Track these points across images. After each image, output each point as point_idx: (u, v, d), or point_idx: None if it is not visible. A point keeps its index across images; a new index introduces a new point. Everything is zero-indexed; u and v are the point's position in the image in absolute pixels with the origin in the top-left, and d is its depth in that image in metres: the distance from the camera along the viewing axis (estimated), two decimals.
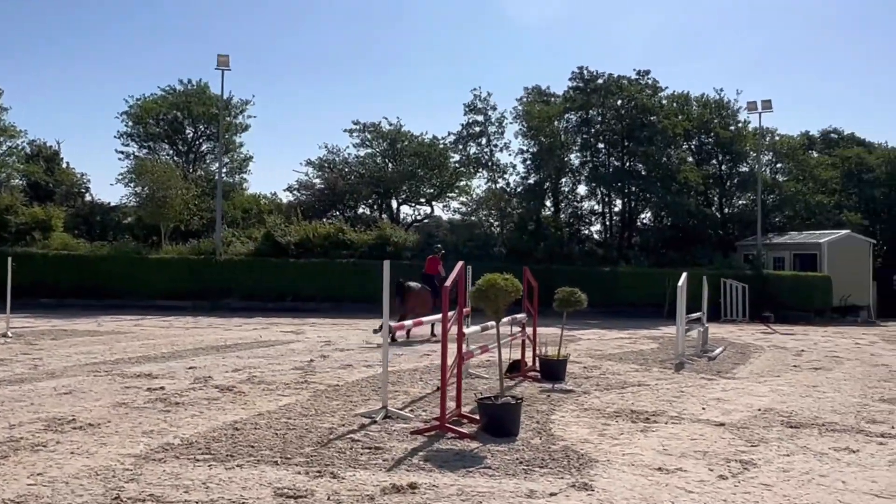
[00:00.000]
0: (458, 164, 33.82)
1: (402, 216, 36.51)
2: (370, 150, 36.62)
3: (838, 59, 75.98)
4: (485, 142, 31.61)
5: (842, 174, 35.32)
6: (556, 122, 30.60)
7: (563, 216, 31.84)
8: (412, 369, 10.85)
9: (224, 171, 32.10)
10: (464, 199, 35.41)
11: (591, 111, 30.69)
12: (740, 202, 33.84)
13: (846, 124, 63.99)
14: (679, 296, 12.37)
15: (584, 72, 31.01)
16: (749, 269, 26.46)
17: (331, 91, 70.97)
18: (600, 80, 30.71)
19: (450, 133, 32.70)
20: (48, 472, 5.24)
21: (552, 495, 5.03)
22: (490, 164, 31.87)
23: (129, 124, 35.52)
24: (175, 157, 35.81)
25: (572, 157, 31.62)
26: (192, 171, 35.02)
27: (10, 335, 14.33)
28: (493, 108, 31.41)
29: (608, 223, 32.59)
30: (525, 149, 31.05)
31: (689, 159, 32.76)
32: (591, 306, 10.79)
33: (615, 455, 6.12)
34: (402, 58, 76.01)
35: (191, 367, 10.56)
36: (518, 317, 10.27)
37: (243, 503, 4.70)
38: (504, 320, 9.27)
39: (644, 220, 33.26)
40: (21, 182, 34.36)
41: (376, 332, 14.95)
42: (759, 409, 8.21)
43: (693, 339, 13.78)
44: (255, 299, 24.37)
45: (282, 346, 13.66)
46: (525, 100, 31.49)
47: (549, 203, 31.53)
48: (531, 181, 30.68)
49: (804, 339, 17.53)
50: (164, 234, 28.27)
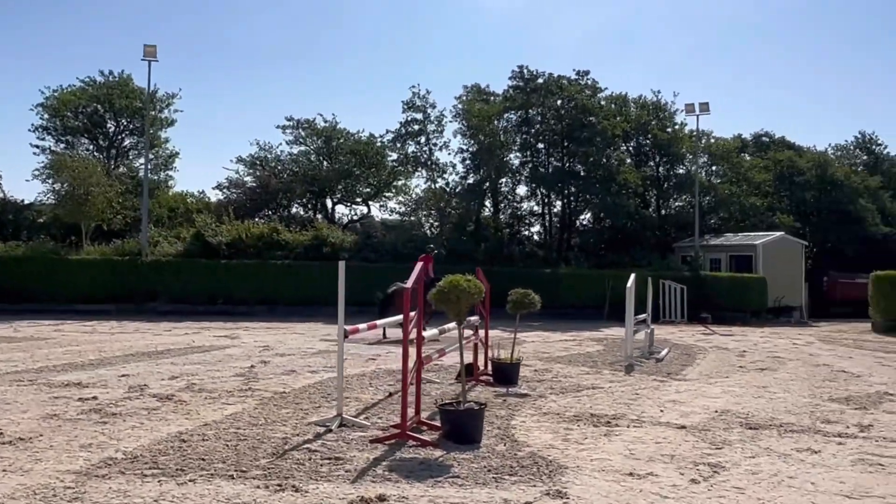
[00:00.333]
0: (396, 163, 33.23)
1: (337, 216, 35.91)
2: (304, 148, 35.80)
3: (768, 64, 79.01)
4: (424, 140, 31.14)
5: (774, 177, 36.19)
6: (495, 122, 30.27)
7: (503, 217, 31.59)
8: (359, 374, 10.50)
9: (149, 167, 30.87)
10: (401, 198, 34.97)
11: (531, 111, 30.48)
12: (677, 204, 34.20)
13: (777, 128, 66.55)
14: (628, 297, 12.38)
15: (525, 71, 30.82)
16: (687, 270, 26.82)
17: (262, 86, 69.55)
18: (540, 80, 30.53)
19: (388, 131, 32.15)
20: None
21: None
22: (429, 163, 31.46)
23: (45, 117, 33.67)
24: (95, 153, 34.28)
25: (512, 157, 31.38)
26: (114, 167, 33.59)
27: None
28: (433, 106, 31.01)
29: (548, 224, 32.47)
30: (465, 148, 30.68)
31: (628, 161, 32.88)
32: None
33: (584, 461, 5.99)
34: (339, 52, 75.16)
35: (123, 375, 9.93)
36: (471, 319, 10.03)
37: None
38: (450, 324, 9.03)
39: (584, 222, 33.28)
40: None
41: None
42: (716, 411, 8.21)
43: (639, 340, 13.83)
44: (184, 302, 23.46)
45: (218, 352, 13.06)
46: (465, 98, 31.08)
47: (488, 203, 31.27)
48: (471, 181, 30.31)
49: (743, 339, 17.86)
50: (86, 233, 26.93)
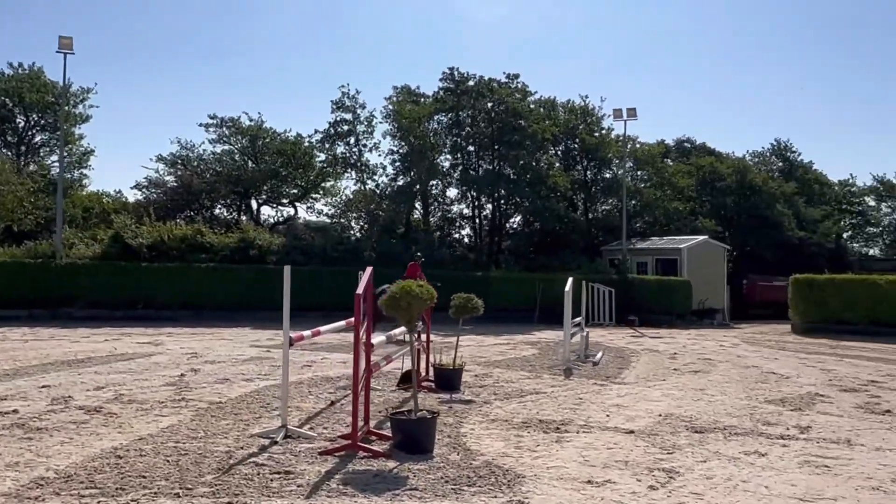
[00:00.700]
0: (324, 164, 32.73)
1: (263, 217, 35.08)
2: (228, 147, 34.91)
3: (688, 71, 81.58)
4: (353, 141, 30.69)
5: (697, 182, 37.40)
6: (426, 123, 30.10)
7: (433, 220, 31.44)
8: (297, 382, 10.13)
9: (63, 165, 29.38)
10: (330, 200, 34.44)
11: (461, 113, 30.43)
12: (604, 207, 34.82)
13: (697, 134, 68.91)
14: (566, 301, 12.43)
15: (455, 73, 30.77)
16: (615, 273, 27.22)
17: (184, 82, 67.39)
18: (471, 82, 30.54)
19: (316, 131, 31.71)
20: None
21: None
22: (359, 164, 31.02)
23: None
24: (4, 150, 32.51)
25: (442, 159, 31.27)
26: (24, 164, 31.88)
27: None
28: (363, 107, 30.62)
29: (478, 227, 32.51)
30: (395, 149, 30.36)
31: (557, 164, 33.22)
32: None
33: (540, 469, 5.91)
34: (265, 49, 73.53)
35: (44, 386, 9.29)
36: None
37: None
38: (396, 331, 8.82)
39: (514, 225, 33.39)
40: None
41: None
42: (660, 415, 8.27)
43: (574, 344, 13.91)
44: (101, 307, 22.27)
45: (143, 360, 12.42)
46: (395, 99, 30.81)
47: (419, 206, 31.03)
48: (401, 183, 30.00)
49: (672, 342, 18.25)
50: None
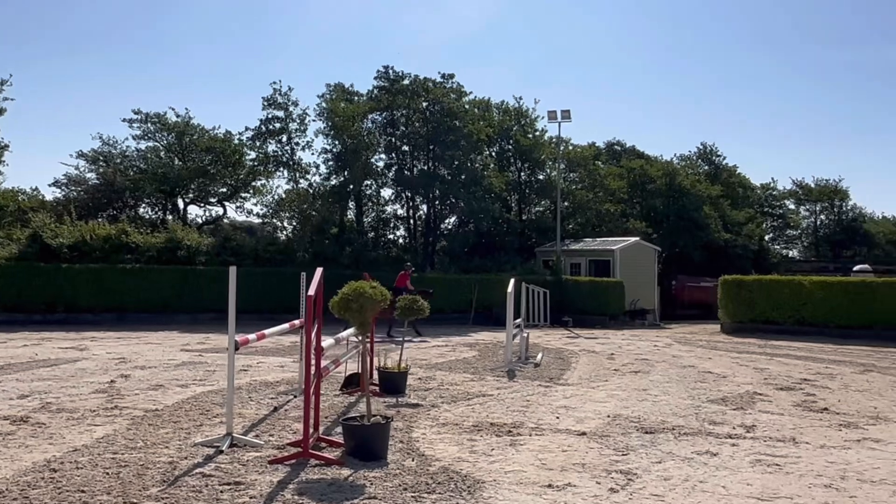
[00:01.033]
0: (255, 163, 31.85)
1: (190, 217, 33.95)
2: (154, 144, 33.62)
3: (618, 75, 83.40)
4: (285, 139, 30.01)
5: (627, 184, 38.16)
6: (360, 122, 29.69)
7: (367, 220, 31.12)
8: (235, 387, 9.71)
9: None
10: (260, 199, 33.58)
11: (396, 112, 30.18)
12: (538, 209, 35.11)
13: (627, 137, 70.57)
14: (509, 302, 12.40)
15: (390, 71, 30.52)
16: (549, 274, 27.46)
17: (107, 77, 64.89)
18: (406, 81, 30.33)
19: (247, 128, 30.72)
20: None
21: None
22: (291, 163, 30.35)
23: None
24: None
25: (377, 159, 30.96)
26: None
27: None
28: (295, 104, 29.99)
29: (413, 228, 32.25)
30: (328, 148, 29.88)
31: (492, 165, 33.33)
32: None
33: (499, 474, 5.81)
34: (193, 44, 71.52)
35: None
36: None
37: None
38: (344, 333, 8.60)
39: (449, 226, 33.31)
40: None
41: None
42: (609, 416, 8.30)
43: (515, 345, 13.90)
44: (19, 311, 21.23)
45: (68, 366, 11.78)
46: (328, 97, 30.26)
47: (352, 206, 30.62)
48: (334, 183, 29.55)
49: (608, 342, 18.47)
50: None
